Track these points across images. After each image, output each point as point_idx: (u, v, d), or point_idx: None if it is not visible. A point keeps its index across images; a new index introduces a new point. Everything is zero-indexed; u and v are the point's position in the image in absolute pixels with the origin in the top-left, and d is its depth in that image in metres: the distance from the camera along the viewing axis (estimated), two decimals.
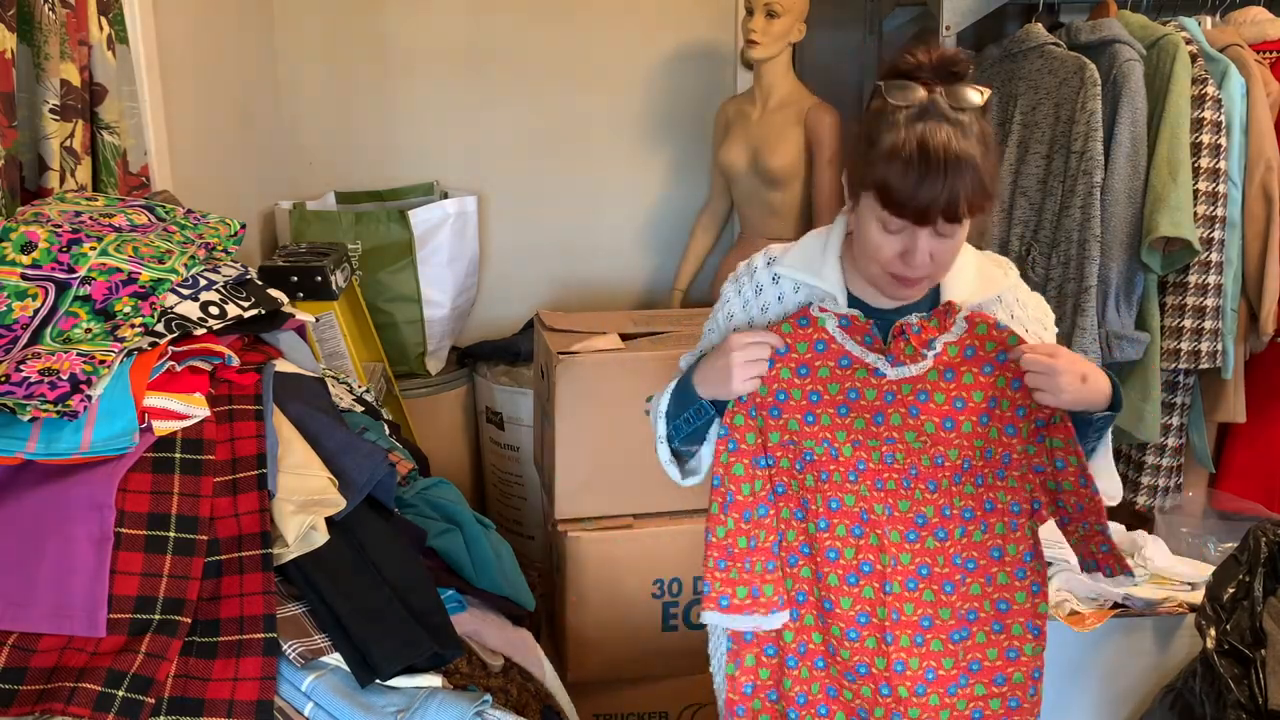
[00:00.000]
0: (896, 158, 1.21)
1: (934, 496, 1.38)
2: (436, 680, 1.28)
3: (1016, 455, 1.36)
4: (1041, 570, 1.42)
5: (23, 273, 1.38)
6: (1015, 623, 1.42)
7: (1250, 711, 1.47)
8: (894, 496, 1.39)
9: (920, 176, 1.20)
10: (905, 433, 1.36)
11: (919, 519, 1.39)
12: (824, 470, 1.39)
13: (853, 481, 1.39)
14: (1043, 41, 2.37)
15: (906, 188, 1.21)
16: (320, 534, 1.33)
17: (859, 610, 1.42)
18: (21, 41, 1.58)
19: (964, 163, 1.20)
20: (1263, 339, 2.33)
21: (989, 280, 1.41)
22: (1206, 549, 2.23)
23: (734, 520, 1.39)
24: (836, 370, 1.36)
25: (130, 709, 1.13)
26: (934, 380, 1.35)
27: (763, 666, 1.47)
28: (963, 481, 1.38)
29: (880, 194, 1.24)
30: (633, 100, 3.33)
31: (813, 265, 1.41)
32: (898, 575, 1.40)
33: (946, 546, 1.40)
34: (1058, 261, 2.31)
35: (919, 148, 1.20)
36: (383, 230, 2.92)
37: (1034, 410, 1.34)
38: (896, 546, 1.40)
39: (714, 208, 3.20)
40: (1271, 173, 2.26)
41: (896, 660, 1.41)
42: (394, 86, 3.23)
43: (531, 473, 2.92)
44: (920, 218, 1.23)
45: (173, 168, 2.11)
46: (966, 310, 1.34)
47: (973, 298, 1.38)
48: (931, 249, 1.26)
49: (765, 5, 2.76)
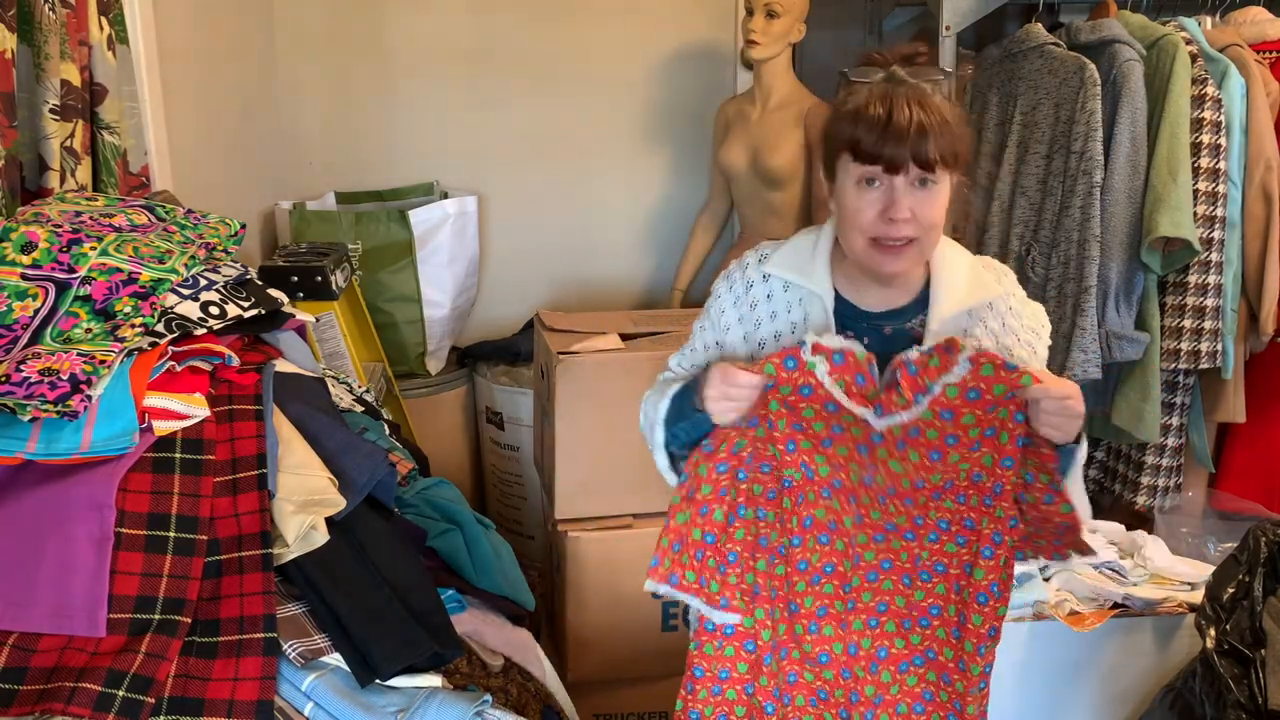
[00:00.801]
0: (864, 111, 1.28)
1: (908, 508, 1.37)
2: (436, 680, 1.28)
3: (1008, 487, 1.33)
4: (1002, 614, 1.41)
5: (23, 273, 1.38)
6: (969, 639, 1.41)
7: (1250, 711, 1.47)
8: (866, 509, 1.39)
9: (887, 118, 1.26)
10: (890, 462, 1.34)
11: (889, 525, 1.39)
12: (800, 492, 1.38)
13: (825, 497, 1.38)
14: (1043, 41, 2.37)
15: (876, 131, 1.27)
16: (320, 534, 1.33)
17: (820, 604, 1.43)
18: (21, 41, 1.58)
19: (928, 108, 1.27)
20: (1262, 339, 2.33)
21: (981, 285, 1.40)
22: (1206, 549, 2.23)
23: (690, 513, 1.38)
24: (822, 413, 1.34)
25: (130, 709, 1.13)
26: (928, 420, 1.31)
27: (740, 660, 1.47)
28: (941, 498, 1.36)
29: (853, 149, 1.29)
30: (633, 100, 3.33)
31: (802, 265, 1.42)
32: (859, 571, 1.41)
33: (913, 546, 1.39)
34: (1058, 261, 2.31)
35: (883, 98, 1.28)
36: (383, 230, 2.92)
37: (1032, 442, 1.30)
38: (862, 546, 1.40)
39: (714, 208, 3.20)
40: (1271, 173, 2.26)
41: (851, 643, 1.43)
42: (394, 86, 3.23)
43: (531, 473, 2.92)
44: (893, 163, 1.27)
45: (173, 168, 2.11)
46: (970, 350, 1.28)
47: (965, 301, 1.38)
48: (911, 204, 1.28)
49: (765, 5, 2.76)
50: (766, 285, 1.44)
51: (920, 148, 1.26)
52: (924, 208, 1.29)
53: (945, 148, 1.27)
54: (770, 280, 1.44)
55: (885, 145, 1.26)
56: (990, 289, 1.40)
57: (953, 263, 1.41)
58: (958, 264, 1.41)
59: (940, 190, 1.30)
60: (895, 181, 1.28)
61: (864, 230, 1.31)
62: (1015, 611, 1.94)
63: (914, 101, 1.27)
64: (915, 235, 1.30)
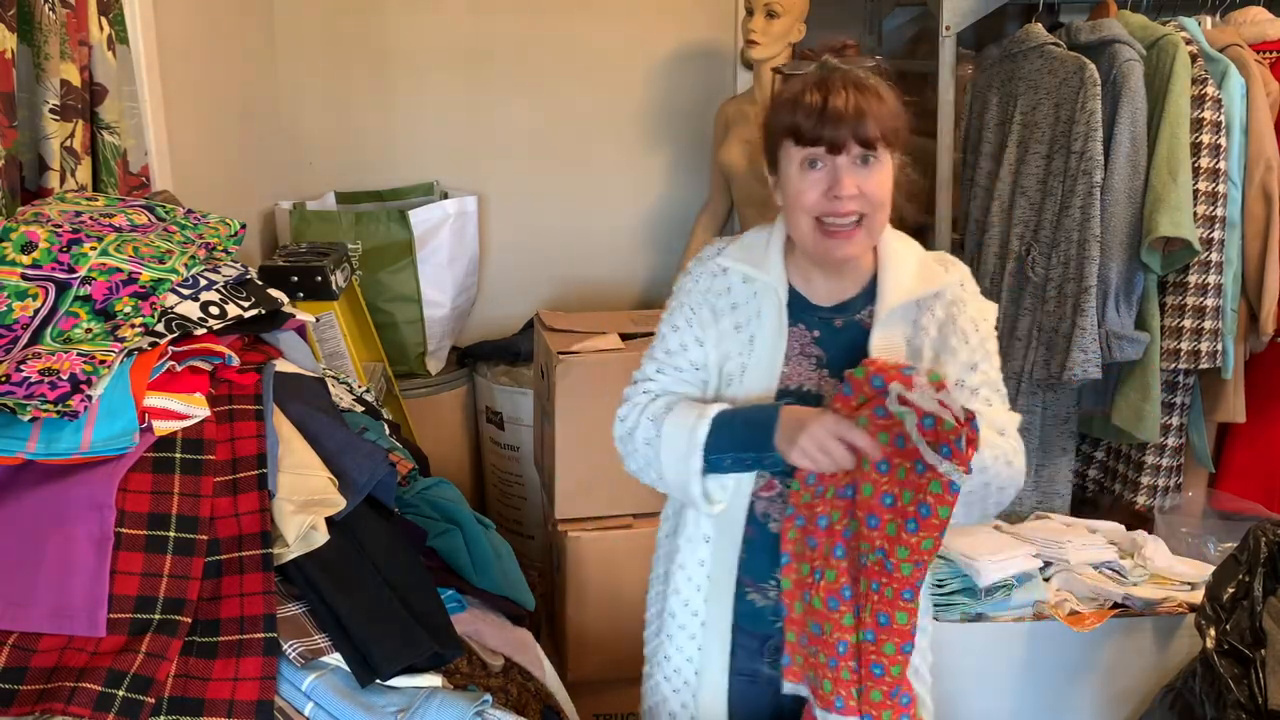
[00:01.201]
0: (801, 98, 1.31)
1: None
2: (436, 680, 1.28)
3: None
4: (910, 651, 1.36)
5: (23, 273, 1.38)
6: (890, 642, 1.36)
7: (1250, 711, 1.47)
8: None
9: (825, 97, 1.29)
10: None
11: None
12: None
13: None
14: (1043, 41, 2.37)
15: (814, 114, 1.29)
16: (320, 534, 1.33)
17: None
18: (22, 41, 1.58)
19: (864, 86, 1.30)
20: (1262, 339, 2.33)
21: (930, 275, 1.41)
22: (1206, 549, 2.23)
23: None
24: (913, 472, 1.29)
25: (130, 709, 1.13)
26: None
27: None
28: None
29: (794, 134, 1.32)
30: (633, 100, 3.33)
31: (756, 258, 1.43)
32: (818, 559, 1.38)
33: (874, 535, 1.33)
34: (1058, 261, 2.31)
35: (819, 83, 1.31)
36: (383, 230, 2.92)
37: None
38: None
39: (714, 208, 3.20)
40: (1271, 173, 2.26)
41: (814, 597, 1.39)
42: (394, 86, 3.23)
43: (531, 473, 2.92)
44: (834, 143, 1.29)
45: (173, 168, 2.11)
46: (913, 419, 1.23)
47: (912, 291, 1.39)
48: (857, 181, 1.30)
49: (765, 5, 2.76)
50: (727, 278, 1.45)
51: (860, 125, 1.28)
52: (868, 184, 1.31)
53: (885, 125, 1.29)
54: (729, 273, 1.45)
55: (825, 126, 1.28)
56: (937, 278, 1.41)
57: (900, 254, 1.42)
58: (905, 255, 1.42)
59: (883, 167, 1.32)
60: (838, 161, 1.30)
61: (809, 210, 1.32)
62: (1015, 611, 1.94)
63: (850, 83, 1.30)
64: (862, 211, 1.32)
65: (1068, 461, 2.43)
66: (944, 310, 1.39)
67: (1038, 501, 2.43)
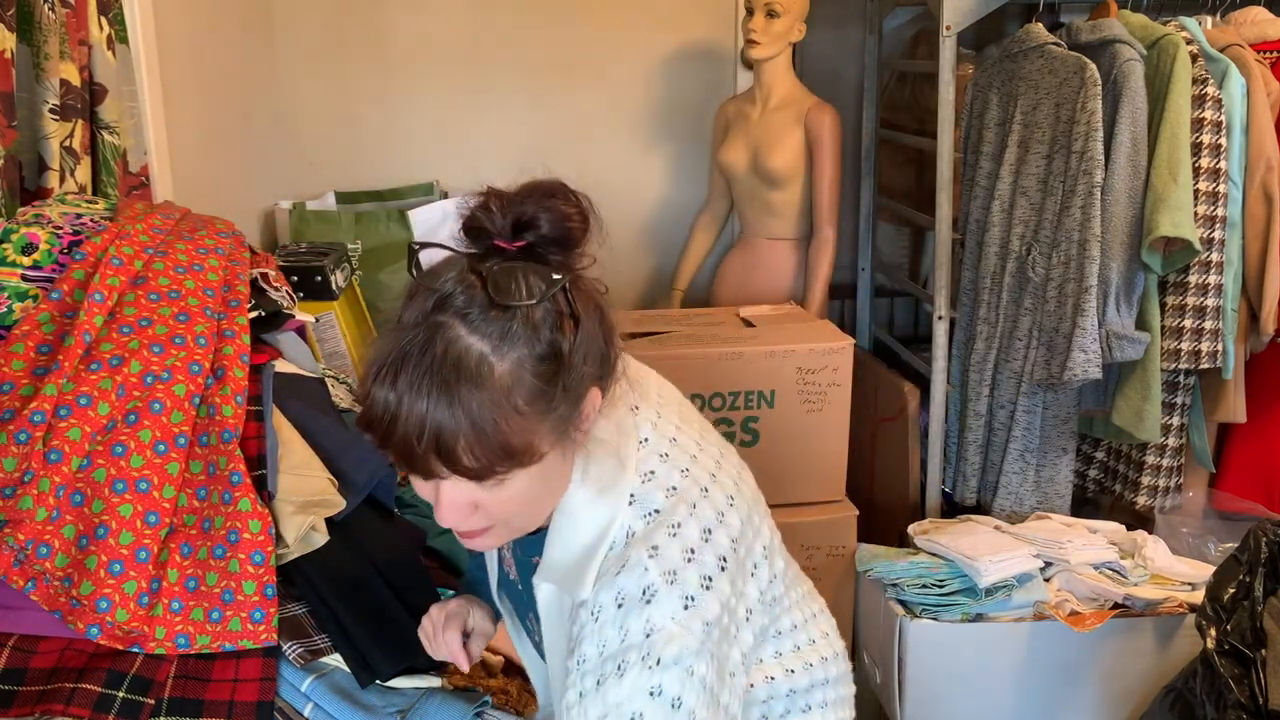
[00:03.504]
0: (369, 409, 0.92)
1: None
2: (436, 681, 1.29)
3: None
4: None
5: (24, 274, 1.38)
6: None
7: (1250, 711, 1.47)
8: None
9: (387, 431, 0.91)
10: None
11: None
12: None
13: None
14: (1043, 41, 2.37)
15: (379, 438, 0.92)
16: (320, 535, 1.33)
17: None
18: (21, 41, 1.58)
19: (442, 407, 0.89)
20: (1263, 339, 2.33)
21: (580, 578, 0.99)
22: (1206, 549, 2.23)
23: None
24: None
25: (130, 710, 1.13)
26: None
27: None
28: None
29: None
30: (633, 100, 3.33)
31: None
32: None
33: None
34: (1058, 261, 2.31)
35: (385, 405, 0.91)
36: (383, 230, 2.92)
37: None
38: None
39: (714, 208, 3.20)
40: (1272, 173, 2.26)
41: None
42: (394, 86, 3.23)
43: None
44: (417, 476, 0.95)
45: (173, 168, 2.11)
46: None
47: (562, 582, 1.01)
48: (477, 499, 0.95)
49: (765, 5, 2.76)
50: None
51: (438, 467, 0.91)
52: (493, 505, 0.96)
53: (482, 458, 0.90)
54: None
55: (396, 460, 0.93)
56: (581, 589, 0.98)
57: (568, 532, 1.01)
58: (572, 537, 1.01)
59: (508, 486, 0.94)
60: (441, 484, 0.95)
61: (441, 524, 0.98)
62: (1016, 612, 1.94)
63: (417, 408, 0.89)
64: (486, 525, 0.99)
65: (1068, 461, 2.43)
66: (577, 628, 0.98)
67: (1038, 501, 2.42)
